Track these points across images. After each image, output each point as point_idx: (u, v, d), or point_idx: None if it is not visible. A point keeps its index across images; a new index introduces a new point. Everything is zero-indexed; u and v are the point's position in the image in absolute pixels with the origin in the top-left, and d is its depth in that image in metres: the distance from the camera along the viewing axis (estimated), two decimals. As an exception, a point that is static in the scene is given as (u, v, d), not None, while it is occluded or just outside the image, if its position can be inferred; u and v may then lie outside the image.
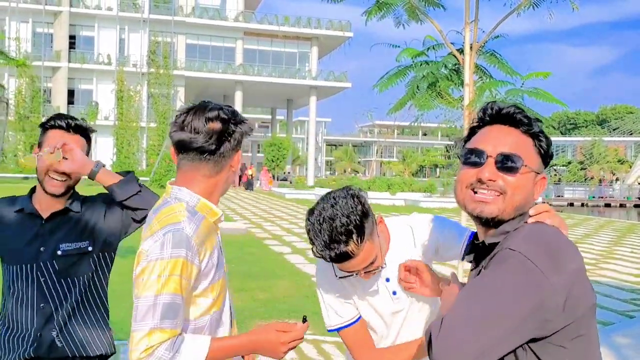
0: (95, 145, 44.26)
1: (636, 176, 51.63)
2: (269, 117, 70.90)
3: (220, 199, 1.79)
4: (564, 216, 24.48)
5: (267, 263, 10.06)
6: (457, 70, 9.60)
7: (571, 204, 41.80)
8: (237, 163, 1.76)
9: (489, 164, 1.36)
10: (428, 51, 9.99)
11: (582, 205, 42.01)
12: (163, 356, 1.50)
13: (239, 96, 48.66)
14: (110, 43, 46.77)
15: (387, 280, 1.84)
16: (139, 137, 45.69)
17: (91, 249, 2.30)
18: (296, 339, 1.70)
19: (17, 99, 44.10)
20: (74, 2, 46.00)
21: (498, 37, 9.95)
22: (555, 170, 63.46)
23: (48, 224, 2.27)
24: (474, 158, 1.39)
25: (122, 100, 46.05)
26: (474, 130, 1.48)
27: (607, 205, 42.42)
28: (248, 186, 37.26)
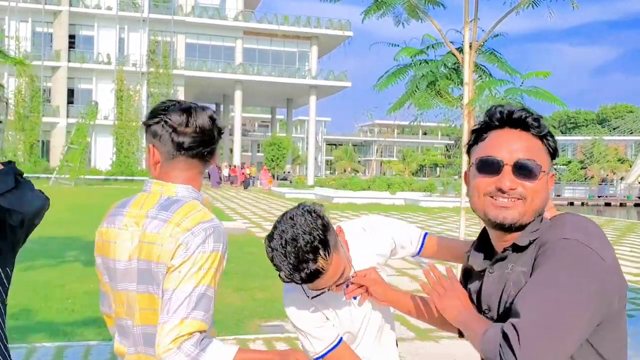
0: (94, 144, 44.31)
1: (636, 175, 51.64)
2: (269, 116, 70.99)
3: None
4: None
5: (266, 262, 9.83)
6: (457, 69, 9.59)
7: (571, 203, 41.78)
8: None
9: (506, 172, 1.36)
10: (427, 50, 9.98)
11: (582, 204, 42.00)
12: (189, 351, 1.48)
13: (238, 95, 48.68)
14: (109, 42, 46.80)
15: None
16: (139, 136, 45.66)
17: None
18: None
19: (16, 98, 44.14)
20: (74, 2, 46.04)
21: (497, 36, 9.94)
22: (555, 169, 63.36)
23: None
24: (490, 167, 1.38)
25: (122, 100, 46.07)
26: (479, 134, 1.46)
27: (607, 205, 42.41)
28: (246, 185, 37.55)
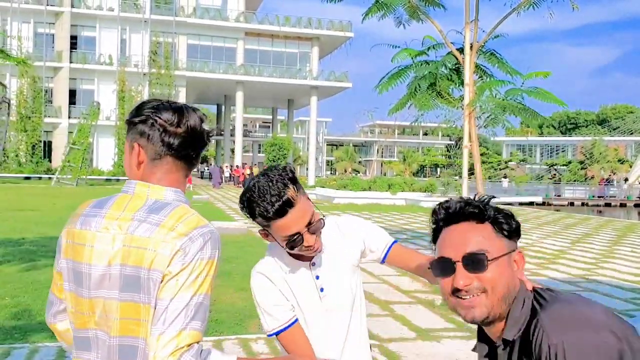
0: (96, 145, 44.36)
1: (636, 175, 51.58)
2: (270, 117, 71.00)
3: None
4: (564, 215, 24.48)
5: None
6: (457, 69, 9.63)
7: (571, 204, 41.78)
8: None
9: (459, 270, 1.35)
10: (428, 51, 10.02)
11: (583, 204, 41.97)
12: None
13: (239, 96, 48.73)
14: (111, 43, 46.87)
15: (317, 277, 1.88)
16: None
17: None
18: None
19: (18, 99, 44.20)
20: (76, 3, 46.09)
21: (498, 36, 9.98)
22: (555, 169, 63.44)
23: None
24: (443, 269, 1.39)
25: (124, 101, 46.13)
26: (436, 234, 1.46)
27: (608, 205, 42.38)
28: (244, 185, 37.61)
